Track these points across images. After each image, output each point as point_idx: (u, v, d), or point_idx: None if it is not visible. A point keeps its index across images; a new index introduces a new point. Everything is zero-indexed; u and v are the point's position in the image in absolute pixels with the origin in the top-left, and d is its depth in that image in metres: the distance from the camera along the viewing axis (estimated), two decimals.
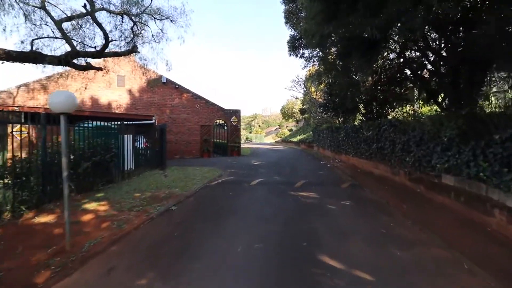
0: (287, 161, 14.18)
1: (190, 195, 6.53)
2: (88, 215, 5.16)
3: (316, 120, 19.89)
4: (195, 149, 16.69)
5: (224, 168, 11.30)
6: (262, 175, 9.55)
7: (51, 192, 5.97)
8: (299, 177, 8.88)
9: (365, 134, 9.97)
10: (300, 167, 11.56)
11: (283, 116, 49.11)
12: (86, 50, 7.37)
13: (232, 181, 8.26)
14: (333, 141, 14.81)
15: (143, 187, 7.57)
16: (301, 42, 15.14)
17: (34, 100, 13.58)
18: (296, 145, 29.08)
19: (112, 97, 14.94)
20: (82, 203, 5.87)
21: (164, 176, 9.64)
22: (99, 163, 7.61)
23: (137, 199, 6.14)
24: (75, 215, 5.10)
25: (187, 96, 16.42)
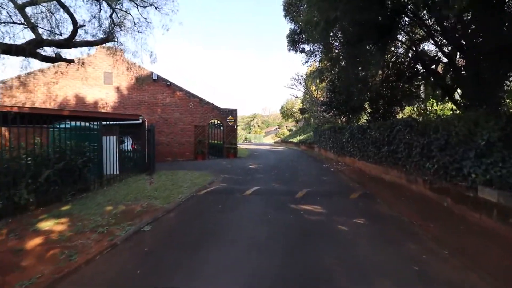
0: (287, 164, 13.13)
1: (172, 209, 5.48)
2: (37, 238, 4.11)
3: (317, 120, 18.87)
4: (188, 151, 15.63)
5: (217, 173, 10.26)
6: (259, 181, 8.50)
7: (2, 207, 4.91)
8: (300, 184, 7.84)
9: (374, 136, 8.94)
10: (302, 172, 10.51)
11: (283, 116, 48.07)
12: (53, 39, 6.30)
13: (224, 190, 7.21)
14: (336, 142, 13.77)
15: (120, 197, 6.53)
16: (302, 36, 14.09)
17: (12, 98, 12.50)
18: (296, 146, 28.04)
19: (98, 95, 13.88)
20: (37, 221, 4.83)
21: (149, 183, 8.60)
22: (69, 170, 6.56)
23: (106, 215, 5.09)
24: (21, 239, 4.06)
25: (180, 94, 15.36)
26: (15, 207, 5.18)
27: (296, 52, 14.26)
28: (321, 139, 17.67)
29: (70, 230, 4.40)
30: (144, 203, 5.93)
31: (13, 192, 5.09)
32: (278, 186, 7.66)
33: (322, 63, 13.42)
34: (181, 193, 6.82)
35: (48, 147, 6.42)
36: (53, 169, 5.78)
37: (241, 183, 8.30)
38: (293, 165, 12.54)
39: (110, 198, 6.48)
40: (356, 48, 6.34)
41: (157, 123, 14.87)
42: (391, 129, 7.69)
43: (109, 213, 5.24)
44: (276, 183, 8.09)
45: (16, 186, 5.21)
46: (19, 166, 5.30)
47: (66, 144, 6.70)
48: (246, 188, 7.18)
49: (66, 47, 6.31)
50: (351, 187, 7.49)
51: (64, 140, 7.01)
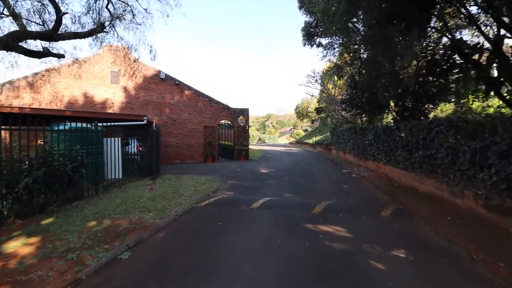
0: (302, 168, 12.01)
1: (163, 227, 4.59)
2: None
3: (335, 119, 17.55)
4: (197, 153, 14.88)
5: (225, 178, 9.34)
6: (269, 190, 7.49)
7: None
8: (318, 195, 6.75)
9: (404, 137, 7.66)
10: (319, 178, 9.37)
11: (298, 116, 46.64)
12: (37, 30, 5.61)
13: (228, 201, 6.26)
14: (357, 144, 12.47)
15: (111, 208, 5.76)
16: (318, 30, 12.93)
17: (20, 99, 12.26)
18: (311, 147, 26.72)
19: (105, 95, 13.41)
20: (7, 239, 4.09)
21: (149, 190, 7.83)
22: (56, 176, 5.87)
23: (85, 233, 4.28)
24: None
25: (188, 93, 14.64)
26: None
27: (311, 46, 13.11)
28: (339, 141, 16.36)
29: (36, 254, 3.61)
30: (135, 217, 5.10)
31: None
32: (292, 197, 6.61)
33: (341, 57, 12.19)
34: (179, 205, 5.93)
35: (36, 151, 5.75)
36: (33, 177, 5.06)
37: (250, 191, 7.32)
38: (309, 170, 11.40)
39: (100, 209, 5.72)
40: (386, 29, 5.16)
41: (165, 124, 14.24)
42: (428, 130, 6.43)
43: (90, 230, 4.43)
44: (289, 193, 7.04)
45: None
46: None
47: (52, 147, 6.00)
48: (254, 199, 6.18)
49: (52, 39, 5.62)
50: (380, 200, 6.29)
51: (60, 143, 6.38)
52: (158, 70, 14.13)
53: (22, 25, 5.45)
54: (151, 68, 14.05)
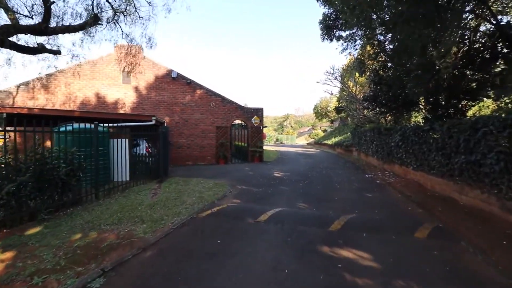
0: (319, 172, 11.05)
1: (151, 245, 3.95)
2: None
3: (356, 119, 16.33)
4: (210, 154, 14.35)
5: (234, 183, 8.66)
6: (281, 198, 6.68)
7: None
8: (337, 205, 5.86)
9: (441, 139, 6.56)
10: (338, 184, 8.41)
11: (316, 115, 45.15)
12: (27, 24, 5.21)
13: (233, 211, 5.54)
14: (381, 146, 11.31)
15: (105, 216, 5.24)
16: (337, 22, 11.91)
17: (35, 100, 12.34)
18: (330, 149, 25.45)
19: (117, 95, 13.24)
20: None
21: (152, 195, 7.31)
22: (49, 181, 5.46)
23: (64, 249, 3.75)
24: None
25: (200, 92, 14.15)
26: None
27: (331, 40, 12.08)
28: (361, 142, 15.16)
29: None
30: (125, 229, 4.52)
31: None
32: (306, 208, 5.75)
33: (363, 50, 11.09)
34: (178, 214, 5.31)
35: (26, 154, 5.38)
36: (17, 183, 4.63)
37: (259, 199, 6.57)
38: (327, 174, 10.43)
39: (93, 217, 5.22)
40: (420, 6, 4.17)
41: (176, 125, 13.86)
42: (472, 131, 5.33)
43: (71, 245, 3.89)
44: (304, 202, 6.19)
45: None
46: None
47: (45, 150, 5.59)
48: (262, 210, 5.42)
49: (42, 33, 5.21)
50: (412, 214, 5.28)
51: (62, 144, 6.01)
52: (169, 69, 13.76)
53: (15, 18, 5.08)
54: (162, 67, 13.71)
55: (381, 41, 10.06)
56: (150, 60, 13.60)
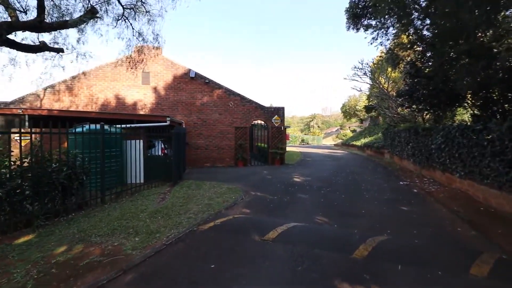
0: (345, 177, 9.94)
1: (135, 265, 3.36)
2: None
3: (388, 118, 14.77)
4: (228, 156, 13.81)
5: (249, 188, 7.96)
6: (298, 208, 5.83)
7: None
8: (364, 222, 4.87)
9: (498, 142, 5.25)
10: (367, 193, 7.32)
11: (344, 115, 42.93)
12: (23, 20, 4.96)
13: (239, 224, 4.81)
14: (418, 148, 9.89)
15: (101, 225, 4.83)
16: (366, 11, 10.69)
17: (60, 102, 12.73)
18: (359, 150, 23.73)
19: (137, 96, 13.24)
20: None
21: (160, 200, 6.86)
22: (49, 185, 5.19)
23: (40, 266, 3.30)
24: None
25: (219, 92, 13.68)
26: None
27: (357, 30, 10.87)
28: (394, 143, 13.64)
29: None
30: (115, 243, 4.02)
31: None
32: (325, 224, 4.84)
33: (396, 39, 9.77)
34: (177, 226, 4.72)
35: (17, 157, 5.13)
36: (7, 188, 4.33)
37: (272, 210, 5.77)
38: (353, 180, 9.30)
39: (89, 225, 4.82)
40: None
41: (195, 125, 13.52)
42: None
43: (50, 261, 3.45)
44: (323, 216, 5.26)
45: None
46: None
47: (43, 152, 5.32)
48: (273, 224, 4.63)
49: (39, 29, 4.95)
50: (464, 239, 4.14)
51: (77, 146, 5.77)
52: (187, 68, 13.48)
53: (15, 16, 4.87)
54: (181, 67, 13.47)
55: (418, 27, 8.72)
56: (169, 60, 13.42)
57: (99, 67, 13.00)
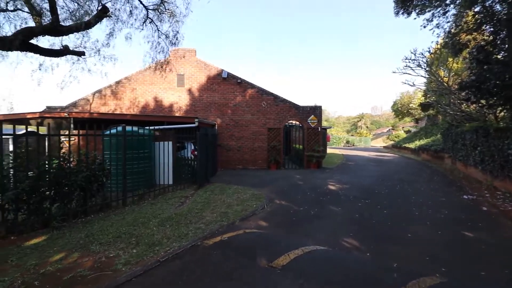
0: (391, 187, 8.49)
1: (116, 286, 2.95)
2: None
3: (449, 116, 12.45)
4: (261, 158, 13.22)
5: (274, 195, 7.24)
6: (323, 225, 4.90)
7: None
8: (408, 253, 3.76)
9: None
10: (417, 209, 5.96)
11: (396, 114, 38.80)
12: (40, 24, 5.06)
13: (247, 242, 4.14)
14: (489, 153, 7.93)
15: (109, 231, 4.67)
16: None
17: (106, 105, 13.68)
18: (413, 154, 20.93)
19: (172, 98, 13.54)
20: None
21: (179, 204, 6.60)
22: (68, 186, 5.24)
23: (27, 276, 3.12)
24: None
25: (251, 92, 13.20)
26: None
27: (409, 13, 9.28)
28: (456, 146, 11.42)
29: None
30: (111, 254, 3.73)
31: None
32: (355, 250, 3.85)
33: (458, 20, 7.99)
34: (182, 238, 4.27)
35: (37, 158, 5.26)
36: (19, 189, 4.39)
37: (293, 224, 4.96)
38: (402, 191, 7.84)
39: (97, 230, 4.69)
40: None
41: (227, 126, 13.27)
42: None
43: (39, 271, 3.26)
44: (355, 238, 4.25)
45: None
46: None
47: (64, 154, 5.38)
48: (287, 245, 3.84)
49: (58, 33, 5.00)
50: None
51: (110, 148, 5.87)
52: (220, 69, 13.30)
53: (39, 22, 5.02)
54: (213, 67, 13.35)
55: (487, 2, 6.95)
56: (202, 61, 13.42)
57: (139, 71, 13.63)
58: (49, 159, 5.07)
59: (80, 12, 5.28)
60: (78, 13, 5.27)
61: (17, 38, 4.60)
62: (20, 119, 10.08)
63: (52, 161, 5.10)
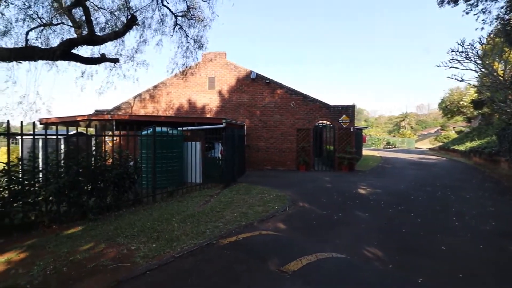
0: (430, 193, 7.71)
1: (131, 279, 3.11)
2: None
3: (506, 114, 10.89)
4: (290, 159, 13.02)
5: (298, 198, 7.07)
6: (345, 232, 4.62)
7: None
8: (437, 267, 3.36)
9: None
10: (458, 219, 5.31)
11: (444, 113, 35.19)
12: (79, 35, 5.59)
13: (261, 245, 4.08)
14: None
15: (137, 225, 4.99)
16: None
17: (145, 108, 14.70)
18: (463, 157, 18.79)
19: (204, 100, 14.04)
20: None
21: (203, 203, 6.79)
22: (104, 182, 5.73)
23: (58, 262, 3.46)
24: None
25: (280, 92, 13.08)
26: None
27: (454, 3, 8.35)
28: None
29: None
30: (132, 246, 3.97)
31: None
32: (376, 261, 3.54)
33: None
34: (199, 236, 4.37)
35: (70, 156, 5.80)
36: (58, 184, 4.90)
37: (311, 229, 4.77)
38: (443, 198, 7.07)
39: (125, 224, 5.03)
40: None
41: (255, 127, 13.34)
42: None
43: (68, 258, 3.59)
44: (378, 247, 3.92)
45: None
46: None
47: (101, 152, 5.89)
48: (303, 249, 3.70)
49: (93, 43, 5.49)
50: None
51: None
52: (249, 70, 13.42)
53: (80, 33, 5.59)
54: (243, 69, 13.53)
55: None
56: (232, 64, 13.68)
57: (173, 76, 14.34)
58: (87, 157, 5.58)
59: (112, 22, 5.78)
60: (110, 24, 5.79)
61: (59, 48, 5.18)
62: (71, 121, 11.33)
63: (90, 159, 5.62)
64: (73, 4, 5.14)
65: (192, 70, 9.23)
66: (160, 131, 8.21)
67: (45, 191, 4.84)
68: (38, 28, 5.74)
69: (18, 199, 4.56)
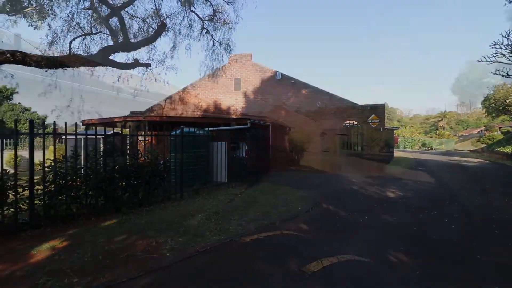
0: (468, 199, 7.14)
1: (158, 269, 3.33)
2: None
3: None
4: (315, 160, 12.81)
5: (322, 199, 6.97)
6: (370, 236, 4.48)
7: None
8: (468, 277, 3.14)
9: None
10: (498, 226, 4.87)
11: (487, 111, 32.15)
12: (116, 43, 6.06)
13: (282, 244, 4.11)
14: None
15: (164, 219, 5.31)
16: None
17: (175, 110, 15.39)
18: (509, 160, 17.05)
19: (229, 101, 14.35)
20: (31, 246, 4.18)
21: (228, 201, 6.98)
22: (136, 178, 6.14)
23: (96, 250, 3.80)
24: None
25: (305, 92, 12.94)
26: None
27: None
28: None
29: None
30: (160, 239, 4.24)
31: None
32: (401, 268, 3.39)
33: None
34: (223, 232, 4.53)
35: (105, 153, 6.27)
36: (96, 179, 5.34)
37: (335, 232, 4.69)
38: (482, 203, 6.52)
39: (155, 219, 5.36)
40: None
41: (280, 127, 13.31)
42: None
43: (104, 247, 3.92)
44: (404, 253, 3.74)
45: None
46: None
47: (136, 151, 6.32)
48: (322, 251, 3.67)
49: (127, 49, 5.91)
50: None
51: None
52: (274, 71, 13.45)
53: (116, 41, 6.07)
54: (268, 70, 13.60)
55: None
56: (257, 65, 13.81)
57: (202, 78, 14.88)
58: (122, 155, 6.03)
59: (144, 29, 6.21)
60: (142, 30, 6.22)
61: (98, 55, 5.67)
62: (109, 122, 12.23)
63: (125, 157, 6.06)
64: (110, 14, 5.61)
65: (220, 72, 9.47)
66: (188, 131, 8.55)
67: (85, 185, 5.31)
68: (79, 37, 6.38)
69: (62, 192, 5.05)
